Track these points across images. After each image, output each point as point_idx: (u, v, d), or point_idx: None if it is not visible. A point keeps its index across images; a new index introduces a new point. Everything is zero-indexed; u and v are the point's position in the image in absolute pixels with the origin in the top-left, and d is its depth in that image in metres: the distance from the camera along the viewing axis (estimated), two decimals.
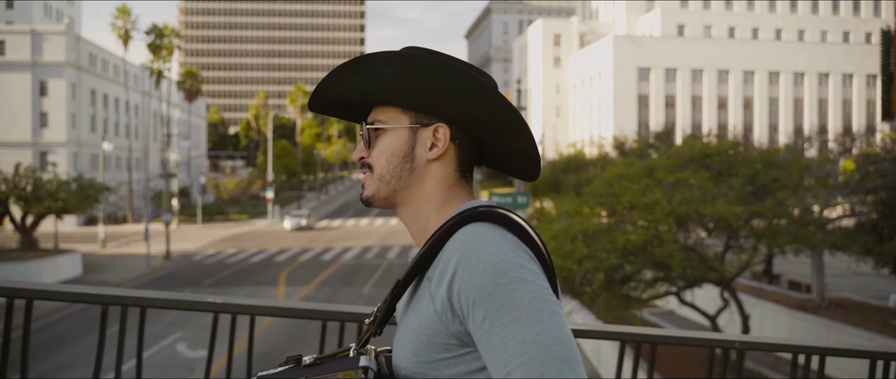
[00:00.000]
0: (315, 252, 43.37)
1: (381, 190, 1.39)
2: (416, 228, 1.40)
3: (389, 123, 1.39)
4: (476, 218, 1.24)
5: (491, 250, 1.17)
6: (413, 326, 1.25)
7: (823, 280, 19.20)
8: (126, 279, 34.56)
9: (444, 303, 1.20)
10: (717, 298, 18.96)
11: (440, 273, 1.22)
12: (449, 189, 1.38)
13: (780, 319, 19.07)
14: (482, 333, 1.14)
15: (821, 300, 19.25)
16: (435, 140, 1.37)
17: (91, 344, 22.85)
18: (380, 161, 1.39)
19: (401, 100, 1.37)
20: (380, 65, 1.33)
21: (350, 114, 1.49)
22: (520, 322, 1.11)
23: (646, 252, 12.74)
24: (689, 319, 22.29)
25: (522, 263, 1.17)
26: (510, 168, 1.47)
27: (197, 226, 60.19)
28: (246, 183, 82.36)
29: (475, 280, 1.16)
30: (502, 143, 1.41)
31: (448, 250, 1.23)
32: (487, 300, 1.14)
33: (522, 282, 1.14)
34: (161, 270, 37.38)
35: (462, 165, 1.40)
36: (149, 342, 23.20)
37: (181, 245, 46.28)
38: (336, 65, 1.87)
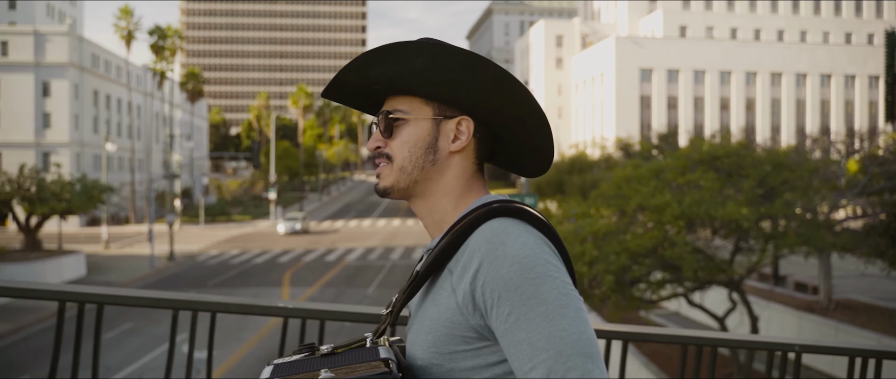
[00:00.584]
0: (318, 253, 43.37)
1: (401, 181, 1.39)
2: (432, 219, 1.41)
3: (412, 114, 1.39)
4: (500, 213, 1.25)
5: (517, 245, 1.18)
6: (432, 317, 1.26)
7: (831, 282, 19.19)
8: (130, 280, 34.57)
9: (466, 296, 1.21)
10: (723, 299, 18.97)
11: (463, 266, 1.23)
12: (467, 182, 1.39)
13: (788, 321, 19.07)
14: (506, 327, 1.15)
15: (828, 302, 19.24)
16: (458, 133, 1.38)
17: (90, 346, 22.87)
18: (401, 152, 1.38)
19: (427, 90, 1.37)
20: (410, 54, 1.33)
21: (364, 102, 1.49)
22: (546, 317, 1.12)
23: (656, 254, 12.74)
24: (696, 321, 22.29)
25: (548, 259, 1.18)
26: (517, 164, 1.48)
27: (199, 227, 60.21)
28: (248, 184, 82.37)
29: (502, 275, 1.16)
30: (522, 139, 1.43)
31: (472, 244, 1.23)
32: (514, 295, 1.15)
33: (549, 277, 1.16)
34: (165, 271, 37.39)
35: (480, 159, 1.42)
36: (154, 343, 23.24)
37: (184, 246, 46.30)
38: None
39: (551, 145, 1.44)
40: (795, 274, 23.68)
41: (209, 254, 43.79)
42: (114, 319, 25.75)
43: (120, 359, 21.67)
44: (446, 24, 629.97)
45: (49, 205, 35.55)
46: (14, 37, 58.39)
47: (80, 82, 60.85)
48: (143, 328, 24.83)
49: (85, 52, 61.45)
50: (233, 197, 77.08)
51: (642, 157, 26.25)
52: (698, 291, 14.95)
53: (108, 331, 24.55)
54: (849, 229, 16.41)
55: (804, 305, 20.05)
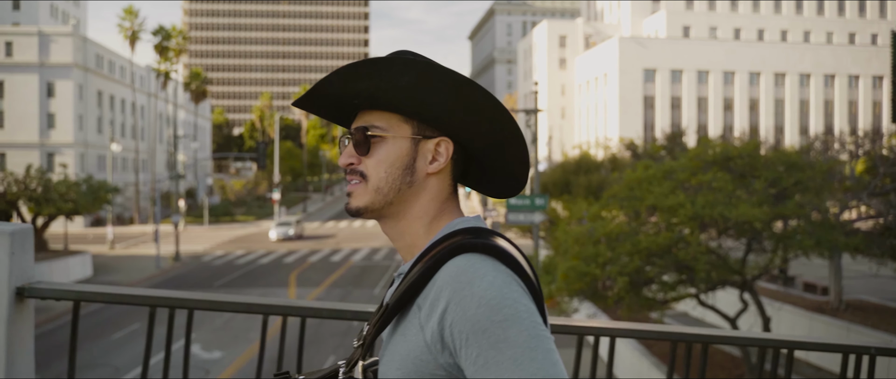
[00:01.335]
0: (324, 254, 43.39)
1: (376, 201, 1.34)
2: (404, 243, 1.37)
3: (391, 131, 1.34)
4: (468, 248, 1.21)
5: (484, 285, 1.15)
6: (401, 353, 1.23)
7: (841, 282, 19.19)
8: (137, 280, 34.60)
9: (434, 335, 1.18)
10: (734, 300, 18.97)
11: (431, 304, 1.19)
12: (441, 204, 1.36)
13: (798, 321, 19.06)
14: (475, 370, 1.12)
15: (838, 302, 19.23)
16: (436, 154, 1.35)
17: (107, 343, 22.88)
18: (378, 171, 1.33)
19: (410, 109, 1.32)
20: (397, 70, 1.27)
21: (340, 115, 1.43)
22: (515, 361, 1.09)
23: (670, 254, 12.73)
24: (705, 322, 22.28)
25: (517, 299, 1.15)
26: (489, 186, 1.45)
27: (204, 227, 60.26)
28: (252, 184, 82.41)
29: (469, 316, 1.14)
30: (499, 162, 1.40)
31: (439, 281, 1.20)
32: (481, 338, 1.12)
33: (517, 319, 1.12)
34: (171, 272, 37.41)
35: (455, 181, 1.39)
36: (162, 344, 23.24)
37: (189, 246, 46.34)
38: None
39: (527, 171, 1.41)
40: (804, 275, 23.66)
41: (214, 254, 43.82)
42: (121, 320, 25.78)
43: (129, 359, 21.69)
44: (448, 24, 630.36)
45: (55, 205, 35.58)
46: (18, 37, 58.45)
47: (85, 83, 60.90)
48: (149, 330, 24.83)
49: (89, 52, 61.51)
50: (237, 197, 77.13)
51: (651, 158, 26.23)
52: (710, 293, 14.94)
53: (116, 331, 24.59)
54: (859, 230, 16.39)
55: (814, 305, 20.03)
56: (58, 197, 35.68)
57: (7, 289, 2.03)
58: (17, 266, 2.04)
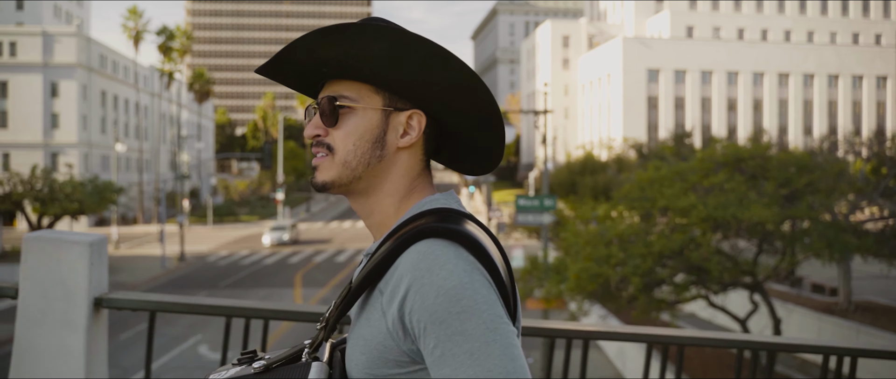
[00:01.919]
0: (328, 254, 43.38)
1: (343, 176, 1.29)
2: (374, 220, 1.33)
3: (360, 102, 1.28)
4: (431, 233, 1.16)
5: (444, 274, 1.11)
6: (365, 338, 1.20)
7: (851, 283, 19.16)
8: (142, 280, 34.60)
9: (395, 321, 1.14)
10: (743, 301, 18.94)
11: (392, 290, 1.16)
12: (412, 181, 1.31)
13: (807, 323, 19.03)
14: (433, 360, 1.10)
15: (848, 303, 19.21)
16: (408, 127, 1.29)
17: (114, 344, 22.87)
18: (346, 144, 1.27)
19: (382, 79, 1.27)
20: (369, 37, 1.21)
21: (302, 83, 1.37)
22: (471, 355, 1.07)
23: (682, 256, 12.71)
24: (712, 322, 22.27)
25: (477, 289, 1.10)
26: (463, 163, 1.40)
27: (208, 227, 60.28)
28: (256, 185, 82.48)
29: (427, 306, 1.10)
30: (473, 138, 1.35)
31: (401, 266, 1.15)
32: (439, 328, 1.09)
33: (476, 311, 1.09)
34: (176, 272, 37.40)
35: (427, 156, 1.34)
36: (170, 345, 23.26)
37: (194, 247, 46.34)
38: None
39: (503, 147, 1.35)
40: (812, 275, 23.62)
41: (219, 254, 43.82)
42: (129, 321, 25.76)
43: (137, 360, 21.69)
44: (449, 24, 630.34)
45: (61, 205, 35.62)
46: (23, 37, 58.50)
47: (88, 83, 60.94)
48: (158, 329, 24.79)
49: (93, 52, 61.54)
50: (240, 198, 77.19)
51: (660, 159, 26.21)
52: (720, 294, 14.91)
53: (124, 332, 24.61)
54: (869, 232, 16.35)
55: (823, 306, 20.01)
56: (63, 197, 35.72)
57: (86, 299, 2.03)
58: (94, 277, 2.03)
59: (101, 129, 63.84)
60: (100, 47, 62.99)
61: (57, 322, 2.02)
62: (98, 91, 62.79)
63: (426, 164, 1.33)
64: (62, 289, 2.02)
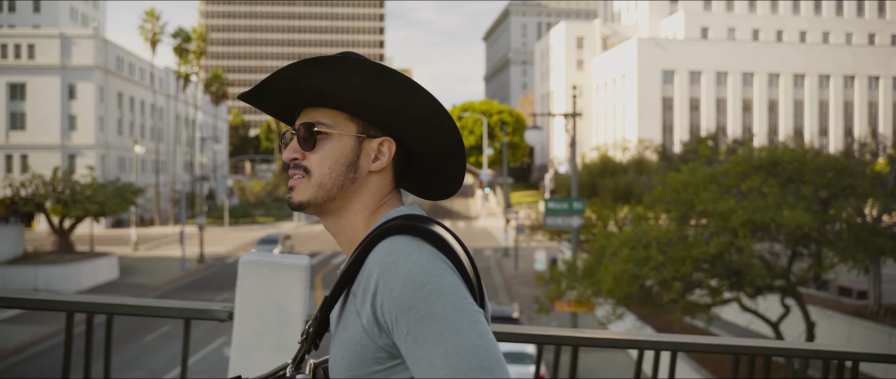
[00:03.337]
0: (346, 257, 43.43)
1: (318, 196, 1.36)
2: (345, 237, 1.40)
3: (336, 129, 1.37)
4: (394, 231, 1.25)
5: (408, 264, 1.19)
6: (344, 342, 1.26)
7: (880, 286, 19.07)
8: (163, 282, 34.74)
9: (369, 318, 1.21)
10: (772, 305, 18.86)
11: (364, 289, 1.23)
12: (381, 199, 1.40)
13: (837, 327, 18.94)
14: (407, 347, 1.17)
15: (878, 307, 19.10)
16: (379, 153, 1.39)
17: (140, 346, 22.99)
18: (321, 167, 1.36)
19: (357, 108, 1.37)
20: (347, 69, 1.32)
21: (283, 112, 1.46)
22: (441, 334, 1.13)
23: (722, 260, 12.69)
24: (737, 325, 22.22)
25: (440, 275, 1.19)
26: (426, 188, 1.50)
27: (224, 228, 60.50)
28: (271, 186, 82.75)
29: (395, 295, 1.17)
30: (437, 164, 1.44)
31: (369, 265, 1.24)
32: (408, 315, 1.16)
33: (440, 294, 1.16)
34: (196, 274, 37.53)
35: (397, 179, 1.43)
36: (195, 347, 23.32)
37: (211, 248, 46.50)
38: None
39: (464, 172, 1.45)
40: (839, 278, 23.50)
41: (237, 256, 43.94)
42: (152, 322, 25.84)
43: (163, 362, 21.79)
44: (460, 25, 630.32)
45: (83, 207, 35.82)
46: (40, 40, 58.88)
47: (105, 85, 61.27)
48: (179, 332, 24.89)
49: (110, 54, 61.87)
50: (256, 199, 77.45)
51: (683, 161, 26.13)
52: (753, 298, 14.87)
53: (148, 334, 24.70)
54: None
55: (853, 310, 19.89)
56: (84, 199, 35.92)
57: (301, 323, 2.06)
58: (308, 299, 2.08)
59: (118, 131, 64.17)
60: (116, 49, 63.34)
61: (273, 346, 2.06)
62: (115, 93, 63.12)
63: (395, 186, 1.43)
64: (278, 313, 2.06)
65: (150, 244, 49.27)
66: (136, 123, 67.73)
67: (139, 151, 51.29)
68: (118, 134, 64.03)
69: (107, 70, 61.08)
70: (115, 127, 63.34)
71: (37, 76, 58.44)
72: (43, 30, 61.26)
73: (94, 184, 37.35)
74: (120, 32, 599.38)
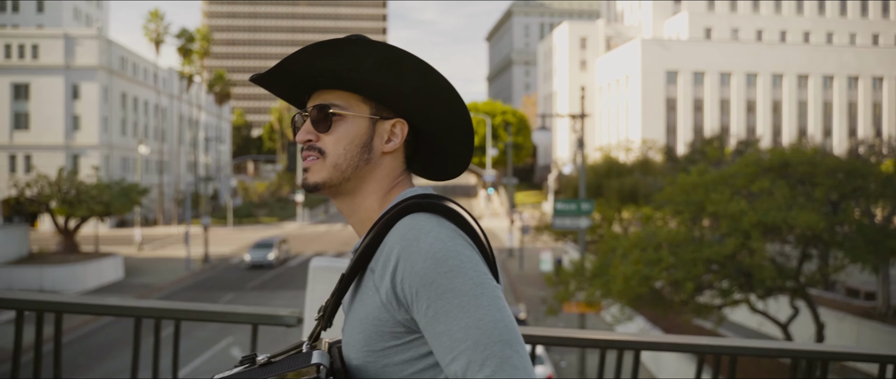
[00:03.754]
0: None
1: (334, 177, 1.38)
2: (358, 218, 1.42)
3: (350, 110, 1.39)
4: (415, 208, 1.28)
5: (430, 240, 1.21)
6: (360, 317, 1.28)
7: (889, 287, 19.04)
8: (169, 282, 34.73)
9: (388, 293, 1.23)
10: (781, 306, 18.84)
11: (383, 264, 1.25)
12: (394, 180, 1.42)
13: (846, 328, 18.90)
14: (427, 321, 1.19)
15: (886, 308, 19.08)
16: (392, 134, 1.40)
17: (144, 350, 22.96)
18: (336, 148, 1.38)
19: (371, 90, 1.38)
20: (361, 52, 1.33)
21: (292, 92, 1.47)
22: (462, 308, 1.16)
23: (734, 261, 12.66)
24: (744, 326, 22.19)
25: (461, 251, 1.21)
26: (434, 168, 1.51)
27: (228, 229, 60.50)
28: (275, 186, 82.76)
29: (416, 270, 1.20)
30: (446, 146, 1.46)
31: (389, 242, 1.26)
32: (429, 289, 1.18)
33: (461, 269, 1.19)
34: (201, 274, 37.52)
35: (408, 160, 1.45)
36: (201, 348, 23.30)
37: (216, 248, 46.49)
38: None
39: (470, 155, 1.47)
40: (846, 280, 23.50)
41: (241, 256, 43.92)
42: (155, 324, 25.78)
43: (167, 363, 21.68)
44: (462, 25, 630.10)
45: (88, 207, 35.82)
46: (44, 40, 58.91)
47: (109, 85, 61.30)
48: (189, 332, 24.86)
49: (113, 54, 61.91)
50: (259, 199, 77.46)
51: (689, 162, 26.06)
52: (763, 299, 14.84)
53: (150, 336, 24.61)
54: None
55: (861, 311, 19.86)
56: (90, 199, 35.93)
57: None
58: None
59: (122, 132, 64.20)
60: (120, 49, 63.37)
61: None
62: (118, 93, 63.15)
63: (407, 166, 1.45)
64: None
65: (154, 244, 49.27)
66: (139, 124, 67.76)
67: (144, 152, 51.30)
68: (122, 134, 64.06)
69: (110, 70, 61.10)
70: (118, 127, 63.37)
71: (40, 76, 58.47)
72: (47, 30, 61.30)
73: (100, 184, 37.37)
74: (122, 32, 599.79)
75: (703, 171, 15.05)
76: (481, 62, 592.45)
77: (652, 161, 35.25)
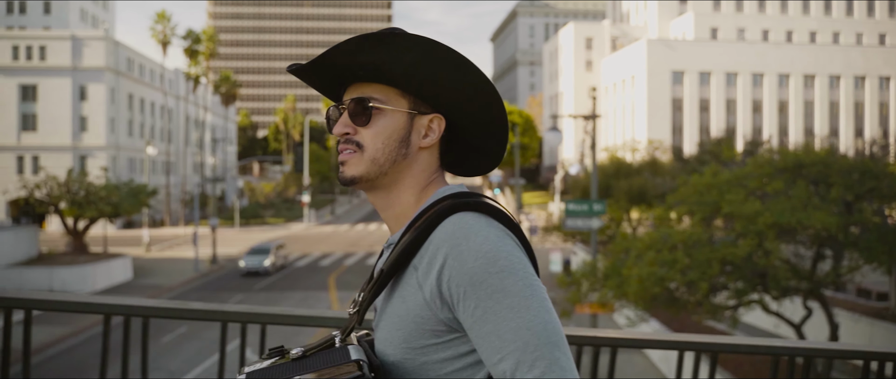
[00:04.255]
0: (359, 257, 43.49)
1: (371, 171, 1.38)
2: (393, 212, 1.41)
3: (390, 104, 1.38)
4: (462, 207, 1.27)
5: (480, 240, 1.21)
6: (400, 314, 1.28)
7: None
8: (177, 283, 34.77)
9: (433, 291, 1.23)
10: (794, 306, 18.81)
11: (428, 262, 1.25)
12: (430, 175, 1.42)
13: (859, 328, 18.87)
14: (474, 321, 1.19)
15: None
16: (429, 130, 1.40)
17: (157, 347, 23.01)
18: (375, 142, 1.37)
19: (411, 85, 1.37)
20: (403, 46, 1.32)
21: (329, 84, 1.46)
22: (512, 309, 1.16)
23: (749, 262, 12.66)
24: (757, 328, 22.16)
25: (511, 252, 1.22)
26: (468, 164, 1.51)
27: (235, 229, 60.56)
28: (281, 187, 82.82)
29: (466, 269, 1.20)
30: (483, 142, 1.46)
31: (436, 240, 1.25)
32: (479, 289, 1.18)
33: (512, 270, 1.19)
34: (210, 275, 37.57)
35: (443, 155, 1.45)
36: (212, 348, 23.31)
37: (223, 249, 46.53)
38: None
39: (504, 152, 1.46)
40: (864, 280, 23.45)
41: None
42: (168, 323, 25.83)
43: (180, 363, 21.78)
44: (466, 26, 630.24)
45: (97, 208, 35.91)
46: (52, 42, 59.06)
47: (116, 86, 61.43)
48: (198, 333, 24.94)
49: (120, 56, 62.03)
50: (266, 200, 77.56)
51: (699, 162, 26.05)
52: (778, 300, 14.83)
53: (165, 335, 24.71)
54: None
55: (873, 311, 19.83)
56: (99, 200, 36.03)
57: None
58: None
59: (129, 132, 64.33)
60: (126, 51, 63.48)
61: None
62: (125, 94, 63.27)
63: (441, 162, 1.45)
64: None
65: (161, 245, 49.35)
66: (145, 125, 67.89)
67: (151, 153, 51.39)
68: (128, 135, 64.19)
69: (117, 71, 61.23)
70: (125, 128, 63.49)
71: (48, 78, 58.60)
72: (54, 31, 61.45)
73: (109, 185, 37.45)
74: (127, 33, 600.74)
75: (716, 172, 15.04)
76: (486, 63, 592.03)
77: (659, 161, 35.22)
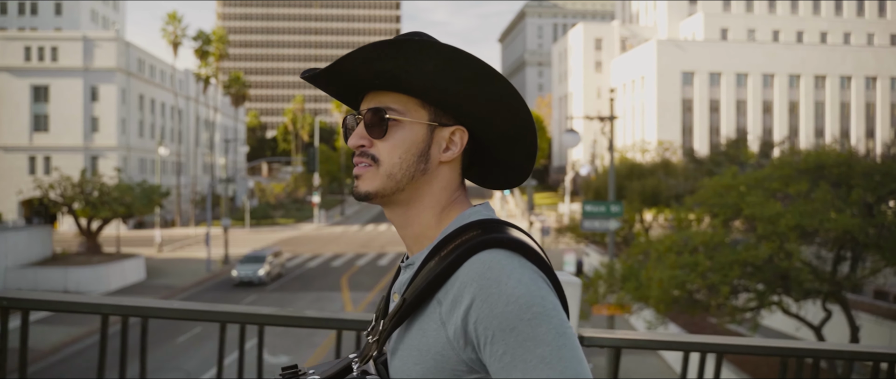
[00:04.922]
0: (370, 258, 43.53)
1: (387, 187, 1.30)
2: (412, 231, 1.33)
3: (408, 116, 1.29)
4: (492, 244, 1.19)
5: (512, 283, 1.14)
6: (419, 348, 1.21)
7: None
8: (190, 283, 34.86)
9: (457, 331, 1.16)
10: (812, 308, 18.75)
11: (453, 299, 1.18)
12: (451, 193, 1.33)
13: (878, 331, 18.80)
14: (501, 366, 1.12)
15: None
16: (450, 143, 1.32)
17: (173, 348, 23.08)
18: (392, 156, 1.29)
19: (431, 95, 1.29)
20: (423, 54, 1.23)
21: (346, 92, 1.38)
22: (544, 360, 1.10)
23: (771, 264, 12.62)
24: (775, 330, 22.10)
25: (545, 296, 1.14)
26: (493, 178, 1.42)
27: (245, 230, 60.72)
28: (291, 187, 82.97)
29: (497, 313, 1.13)
30: (507, 154, 1.37)
31: (462, 276, 1.18)
32: (509, 335, 1.12)
33: (546, 317, 1.12)
34: (222, 275, 37.65)
35: (464, 171, 1.36)
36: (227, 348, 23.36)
37: (235, 249, 46.64)
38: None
39: (532, 165, 1.38)
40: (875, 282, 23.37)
41: None
42: (182, 324, 25.92)
43: (197, 363, 21.83)
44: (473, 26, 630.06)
45: (110, 208, 36.05)
46: (64, 43, 59.30)
47: (127, 87, 61.63)
48: (213, 333, 24.87)
49: (131, 57, 62.24)
50: (276, 200, 77.74)
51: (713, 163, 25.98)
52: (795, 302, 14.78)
53: (180, 335, 24.77)
54: None
55: (891, 314, 19.76)
56: (112, 200, 36.17)
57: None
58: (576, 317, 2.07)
59: (140, 133, 64.54)
60: (137, 51, 63.69)
61: None
62: (136, 95, 63.47)
63: (462, 178, 1.36)
64: None
65: (173, 246, 49.49)
66: (156, 125, 68.10)
67: (163, 153, 51.56)
68: (139, 136, 64.40)
69: (128, 72, 61.45)
70: (136, 129, 63.71)
71: (60, 78, 58.83)
72: (66, 32, 61.70)
73: (122, 185, 37.59)
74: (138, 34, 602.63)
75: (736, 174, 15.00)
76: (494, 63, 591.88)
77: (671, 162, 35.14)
